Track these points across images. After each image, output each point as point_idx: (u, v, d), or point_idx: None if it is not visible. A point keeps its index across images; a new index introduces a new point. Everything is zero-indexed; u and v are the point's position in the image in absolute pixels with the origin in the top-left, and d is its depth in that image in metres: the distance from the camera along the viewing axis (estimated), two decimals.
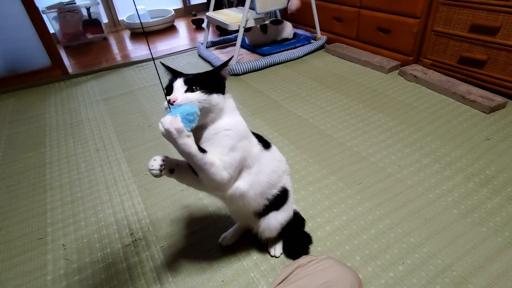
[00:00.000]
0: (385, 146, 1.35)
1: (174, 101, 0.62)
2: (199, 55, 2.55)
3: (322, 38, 2.43)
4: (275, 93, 1.86)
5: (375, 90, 1.79)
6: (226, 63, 0.70)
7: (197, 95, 0.64)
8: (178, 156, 0.71)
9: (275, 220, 0.83)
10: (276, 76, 2.04)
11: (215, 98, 0.66)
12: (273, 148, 0.82)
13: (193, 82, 0.65)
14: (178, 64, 2.43)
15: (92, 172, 1.36)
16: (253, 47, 2.41)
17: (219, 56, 2.36)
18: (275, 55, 2.23)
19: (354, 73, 2.00)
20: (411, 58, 1.93)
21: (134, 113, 1.80)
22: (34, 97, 2.08)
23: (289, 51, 2.34)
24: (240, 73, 2.12)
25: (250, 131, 0.76)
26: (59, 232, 1.08)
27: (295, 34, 2.53)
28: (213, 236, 1.01)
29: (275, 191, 0.80)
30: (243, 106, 1.77)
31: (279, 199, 0.82)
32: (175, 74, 0.70)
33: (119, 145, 1.53)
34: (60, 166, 1.41)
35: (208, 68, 2.33)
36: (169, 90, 0.66)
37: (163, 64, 0.77)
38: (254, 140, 0.76)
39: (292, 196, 0.87)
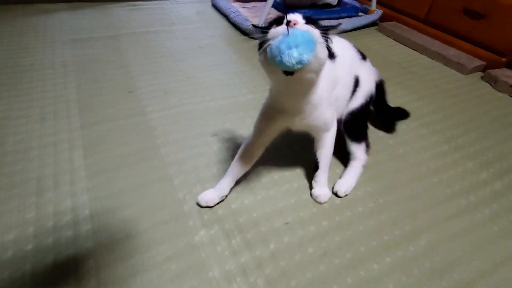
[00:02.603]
0: (492, 194, 0.87)
1: (295, 23, 0.48)
2: (214, 5, 1.96)
3: (376, 11, 1.87)
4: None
5: (454, 95, 1.28)
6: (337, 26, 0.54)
7: (318, 33, 0.50)
8: None
9: None
10: None
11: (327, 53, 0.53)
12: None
13: (312, 22, 0.52)
14: (184, 13, 1.84)
15: (23, 155, 0.83)
16: (285, 8, 1.82)
17: (240, 10, 1.78)
18: None
19: (420, 66, 1.48)
20: (503, 60, 1.42)
21: (113, 68, 1.24)
22: None
23: (331, 20, 1.78)
24: None
25: None
26: None
27: (340, 1, 1.95)
28: None
29: None
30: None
31: None
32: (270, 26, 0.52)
33: (78, 116, 0.99)
34: None
35: (223, 23, 1.75)
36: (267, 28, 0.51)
37: (254, 26, 0.55)
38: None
39: None
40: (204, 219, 0.72)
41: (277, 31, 0.48)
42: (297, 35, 0.47)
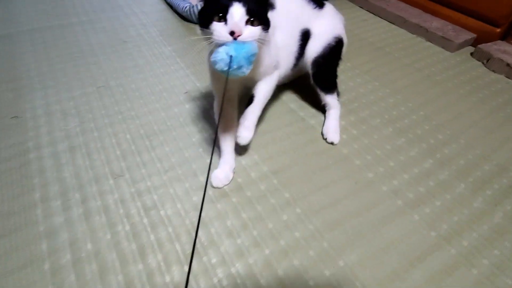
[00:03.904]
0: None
1: (238, 36, 0.51)
2: None
3: None
4: None
5: (439, 82, 1.03)
6: None
7: (259, 32, 0.54)
8: None
9: None
10: None
11: (270, 36, 0.59)
12: None
13: (255, 13, 0.53)
14: None
15: None
16: None
17: None
18: None
19: (397, 44, 1.20)
20: (497, 30, 1.15)
21: None
22: None
23: None
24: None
25: None
26: None
27: None
28: None
29: None
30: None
31: None
32: None
33: None
34: None
35: (160, 6, 1.42)
36: (207, 17, 0.53)
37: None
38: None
39: None
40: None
41: (221, 36, 0.52)
42: (239, 54, 0.51)
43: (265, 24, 0.55)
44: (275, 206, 0.67)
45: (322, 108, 0.88)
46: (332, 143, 0.81)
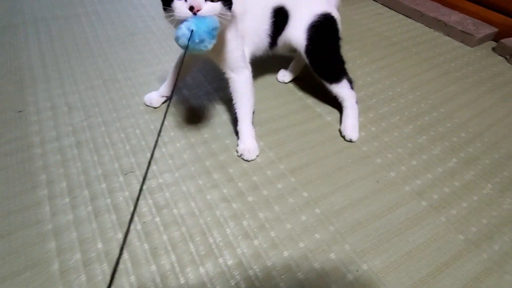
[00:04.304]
0: None
1: (198, 10, 0.53)
2: None
3: None
4: (272, 66, 1.02)
5: (459, 78, 0.99)
6: None
7: (220, 7, 0.55)
8: None
9: None
10: None
11: (231, 13, 0.58)
12: None
13: None
14: None
15: None
16: None
17: None
18: None
19: (415, 39, 1.16)
20: None
21: None
22: None
23: None
24: None
25: None
26: None
27: None
28: None
29: None
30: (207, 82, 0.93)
31: None
32: None
33: None
34: None
35: None
36: None
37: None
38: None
39: None
40: None
41: (182, 12, 0.54)
42: (200, 28, 0.53)
43: (226, 1, 0.56)
44: (294, 206, 0.64)
45: (339, 104, 0.84)
46: (350, 141, 0.77)
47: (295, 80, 0.95)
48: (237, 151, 0.72)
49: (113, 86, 0.91)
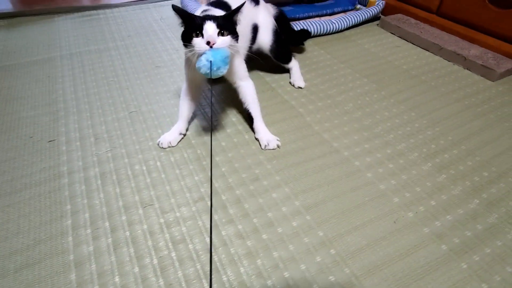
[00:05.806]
0: None
1: (213, 44, 0.67)
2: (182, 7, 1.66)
3: (377, 3, 1.54)
4: (295, 94, 1.04)
5: (481, 114, 0.97)
6: (241, 6, 0.72)
7: (229, 40, 0.70)
8: None
9: None
10: (300, 60, 1.19)
11: (237, 43, 0.74)
12: None
13: (224, 27, 0.69)
14: (145, 20, 1.56)
15: None
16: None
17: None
18: (299, 21, 1.37)
19: (433, 72, 1.16)
20: None
21: (34, 107, 0.99)
22: None
23: (323, 18, 1.47)
24: None
25: None
26: None
27: None
28: None
29: None
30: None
31: None
32: (190, 18, 0.70)
33: None
34: None
35: None
36: (188, 35, 0.69)
37: (174, 7, 0.71)
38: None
39: None
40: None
41: (201, 47, 0.68)
42: (216, 59, 0.67)
43: (233, 34, 0.71)
44: (309, 246, 0.63)
45: (358, 140, 0.84)
46: (299, 87, 1.07)
47: (313, 114, 0.96)
48: (261, 146, 0.85)
49: (138, 118, 0.96)
